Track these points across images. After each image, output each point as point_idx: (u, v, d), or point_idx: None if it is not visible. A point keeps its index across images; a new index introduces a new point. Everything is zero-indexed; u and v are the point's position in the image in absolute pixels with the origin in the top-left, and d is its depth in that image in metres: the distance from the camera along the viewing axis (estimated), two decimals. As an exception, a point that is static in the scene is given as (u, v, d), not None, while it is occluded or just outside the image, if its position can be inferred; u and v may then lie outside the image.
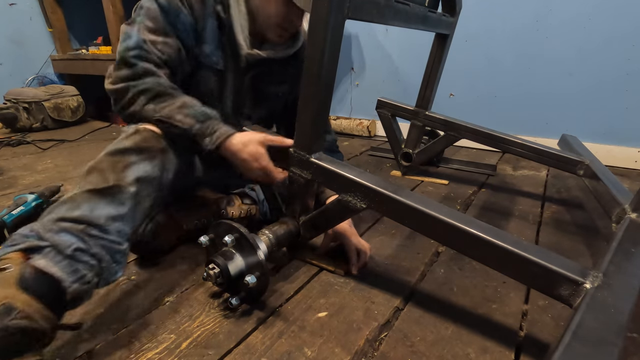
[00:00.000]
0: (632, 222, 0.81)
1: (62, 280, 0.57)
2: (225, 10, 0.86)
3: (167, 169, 0.76)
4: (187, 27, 0.83)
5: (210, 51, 0.88)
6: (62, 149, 1.94)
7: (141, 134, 0.74)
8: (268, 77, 0.98)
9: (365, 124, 2.30)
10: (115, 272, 0.65)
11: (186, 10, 0.82)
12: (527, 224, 1.16)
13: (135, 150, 0.71)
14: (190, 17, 0.83)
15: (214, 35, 0.88)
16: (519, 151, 1.32)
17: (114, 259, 0.64)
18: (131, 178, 0.69)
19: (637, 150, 1.72)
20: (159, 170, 0.74)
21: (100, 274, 0.63)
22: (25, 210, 1.08)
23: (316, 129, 0.77)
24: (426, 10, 1.03)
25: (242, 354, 0.64)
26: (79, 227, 0.61)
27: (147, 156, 0.72)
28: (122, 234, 0.66)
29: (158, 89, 0.79)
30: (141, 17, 0.80)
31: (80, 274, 0.59)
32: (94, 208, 0.64)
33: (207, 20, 0.85)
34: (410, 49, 2.15)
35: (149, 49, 0.80)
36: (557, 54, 1.79)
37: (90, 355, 0.63)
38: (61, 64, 2.61)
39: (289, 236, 0.84)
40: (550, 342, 0.69)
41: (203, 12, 0.84)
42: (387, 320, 0.73)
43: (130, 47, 0.79)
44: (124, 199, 0.67)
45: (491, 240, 0.61)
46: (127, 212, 0.67)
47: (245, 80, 0.95)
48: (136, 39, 0.79)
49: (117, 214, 0.66)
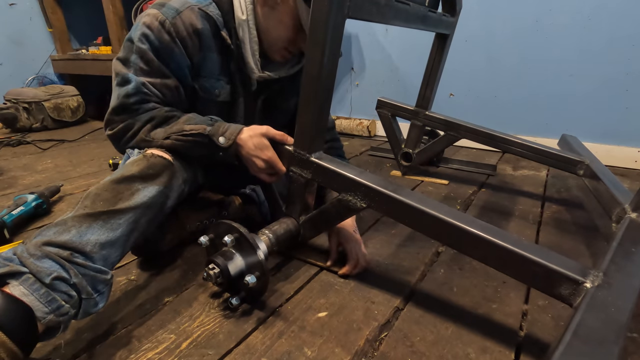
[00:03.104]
0: (632, 222, 0.81)
1: (36, 310, 0.54)
2: (231, 35, 0.82)
3: (171, 196, 0.75)
4: (181, 66, 0.80)
5: (210, 85, 0.85)
6: (62, 149, 1.94)
7: (148, 160, 0.73)
8: (279, 95, 0.97)
9: (365, 124, 2.30)
10: (96, 304, 0.62)
11: (178, 49, 0.78)
12: (527, 223, 1.16)
13: (140, 177, 0.70)
14: (183, 55, 0.79)
15: (216, 67, 0.84)
16: (519, 151, 1.32)
17: (96, 289, 0.61)
18: (132, 204, 0.67)
19: (637, 150, 1.72)
20: (162, 196, 0.73)
21: (78, 306, 0.59)
22: (25, 211, 1.08)
23: (316, 128, 0.77)
24: (426, 10, 1.03)
25: (242, 354, 0.64)
26: (63, 254, 0.58)
27: (153, 182, 0.71)
28: (109, 262, 0.64)
29: (162, 114, 0.80)
30: (134, 56, 0.77)
31: (56, 305, 0.56)
32: (84, 233, 0.61)
33: (205, 54, 0.82)
34: (410, 49, 2.15)
35: (148, 90, 0.79)
36: (557, 54, 1.79)
37: (90, 355, 0.63)
38: (61, 64, 2.61)
39: (289, 236, 0.84)
40: (550, 341, 0.69)
41: (199, 46, 0.80)
42: (387, 320, 0.73)
43: (131, 94, 0.77)
44: (118, 225, 0.65)
45: (491, 240, 0.61)
46: (119, 238, 0.65)
47: (258, 103, 0.94)
48: (135, 84, 0.77)
49: (107, 240, 0.63)
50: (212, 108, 0.88)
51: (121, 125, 0.80)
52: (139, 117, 0.79)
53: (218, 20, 0.80)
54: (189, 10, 0.77)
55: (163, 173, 0.73)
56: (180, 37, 0.77)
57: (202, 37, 0.79)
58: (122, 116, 0.79)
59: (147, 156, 0.74)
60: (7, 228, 1.00)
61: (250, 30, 0.82)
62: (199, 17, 0.78)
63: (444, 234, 0.67)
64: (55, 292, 0.56)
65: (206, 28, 0.79)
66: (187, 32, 0.77)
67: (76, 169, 1.61)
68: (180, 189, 0.78)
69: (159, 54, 0.77)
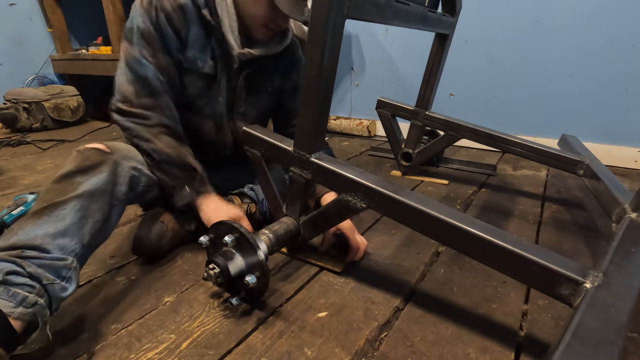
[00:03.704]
0: (632, 222, 0.81)
1: (2, 307, 0.54)
2: (212, 12, 0.88)
3: (119, 182, 0.77)
4: (172, 41, 0.87)
5: (193, 55, 0.90)
6: (62, 149, 1.94)
7: (82, 154, 0.75)
8: (260, 74, 1.00)
9: (365, 123, 2.30)
10: (64, 289, 0.62)
11: (165, 23, 0.85)
12: (527, 223, 1.16)
13: (79, 171, 0.71)
14: (171, 31, 0.86)
15: (198, 40, 0.90)
16: (519, 151, 1.32)
17: (59, 275, 0.62)
18: (75, 193, 0.68)
19: (637, 150, 1.72)
20: (108, 183, 0.74)
21: (43, 294, 0.59)
22: (25, 211, 1.08)
23: (316, 128, 0.77)
24: (426, 10, 1.03)
25: (242, 354, 0.64)
26: (13, 253, 0.59)
27: (94, 173, 0.73)
28: (67, 249, 0.64)
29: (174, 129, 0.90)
30: (136, 37, 0.85)
31: (20, 297, 0.56)
32: (31, 231, 0.62)
33: (189, 27, 0.88)
34: (410, 49, 2.15)
35: (161, 75, 0.86)
36: (557, 54, 1.79)
37: (90, 355, 0.63)
38: (61, 64, 2.61)
39: (289, 236, 0.84)
40: (550, 341, 0.69)
41: (183, 19, 0.86)
42: (387, 320, 0.73)
43: (152, 76, 0.85)
44: (64, 214, 0.65)
45: (491, 240, 0.61)
46: (69, 226, 0.65)
47: (240, 80, 0.97)
48: (152, 70, 0.85)
49: (57, 231, 0.64)
50: (197, 81, 0.93)
51: (139, 111, 0.86)
52: (155, 112, 0.86)
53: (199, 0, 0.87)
54: None
55: (102, 162, 0.74)
56: (166, 11, 0.84)
57: (185, 11, 0.86)
58: (145, 99, 0.86)
59: (81, 150, 0.76)
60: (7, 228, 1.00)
61: (228, 8, 0.88)
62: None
63: (444, 234, 0.67)
64: (14, 287, 0.56)
65: (188, 4, 0.86)
66: (171, 7, 0.85)
67: (76, 169, 1.60)
68: (130, 174, 0.80)
69: (154, 29, 0.85)
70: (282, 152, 0.84)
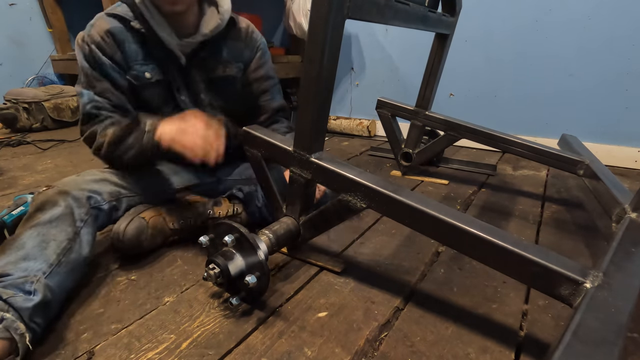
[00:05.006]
0: (632, 222, 0.81)
1: None
2: (141, 21, 0.90)
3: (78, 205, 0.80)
4: (106, 67, 0.90)
5: (137, 71, 0.93)
6: (62, 149, 1.94)
7: (38, 196, 0.79)
8: (210, 61, 1.00)
9: (365, 124, 2.30)
10: (29, 300, 0.63)
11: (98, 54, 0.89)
12: (527, 223, 1.16)
13: (38, 210, 0.76)
14: (105, 58, 0.90)
15: (138, 53, 0.93)
16: (519, 151, 1.32)
17: (22, 289, 0.64)
18: (32, 224, 0.73)
19: (637, 150, 1.72)
20: (67, 209, 0.78)
21: (8, 308, 0.60)
22: (25, 211, 1.08)
23: (316, 129, 0.77)
24: (426, 10, 1.03)
25: (242, 354, 0.64)
26: None
27: (52, 207, 0.76)
28: (31, 270, 0.67)
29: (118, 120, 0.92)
30: (81, 75, 0.92)
31: None
32: None
33: (123, 47, 0.91)
34: (410, 49, 2.15)
35: (99, 98, 0.91)
36: (557, 54, 1.79)
37: (90, 355, 0.63)
38: (61, 64, 2.61)
39: (289, 236, 0.84)
40: (550, 341, 0.69)
41: (114, 43, 0.90)
42: (387, 320, 0.73)
43: (86, 103, 0.91)
44: (22, 243, 0.70)
45: (491, 240, 0.61)
46: (30, 250, 0.69)
47: (192, 72, 0.98)
48: (87, 95, 0.91)
49: (17, 258, 0.67)
50: (152, 91, 0.96)
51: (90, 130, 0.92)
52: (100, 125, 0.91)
53: (127, 15, 0.90)
54: (99, 18, 0.91)
55: (57, 196, 0.79)
56: (96, 42, 0.89)
57: (114, 34, 0.90)
58: (88, 124, 0.92)
59: (35, 194, 0.81)
60: (7, 228, 1.00)
61: (149, 9, 0.89)
62: (107, 19, 0.90)
63: (444, 234, 0.67)
64: None
65: (116, 26, 0.90)
66: (99, 36, 0.89)
67: (76, 169, 1.61)
68: (86, 196, 0.83)
69: (90, 64, 0.90)
70: (282, 152, 0.84)
